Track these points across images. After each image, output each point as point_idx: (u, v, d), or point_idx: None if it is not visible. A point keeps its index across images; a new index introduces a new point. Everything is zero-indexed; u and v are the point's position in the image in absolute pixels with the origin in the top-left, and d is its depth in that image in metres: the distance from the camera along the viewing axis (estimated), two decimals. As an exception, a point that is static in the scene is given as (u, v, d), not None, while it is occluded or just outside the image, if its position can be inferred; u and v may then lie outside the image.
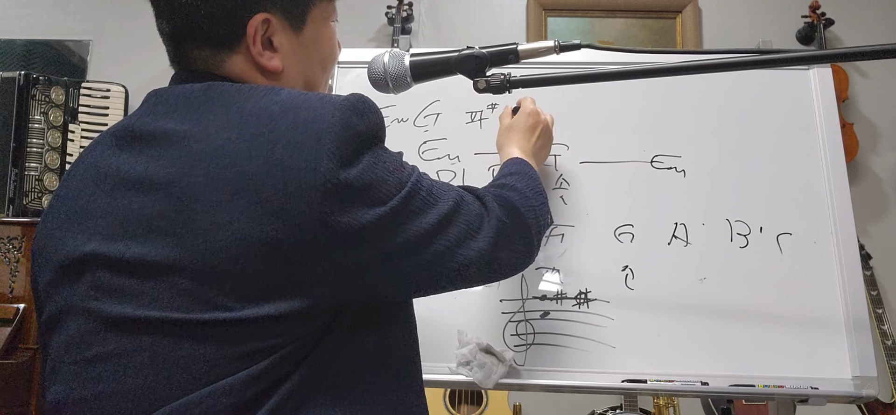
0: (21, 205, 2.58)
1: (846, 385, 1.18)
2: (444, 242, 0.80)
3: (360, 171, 0.73)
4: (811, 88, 1.37)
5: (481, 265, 0.84)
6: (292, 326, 0.72)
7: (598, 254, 1.27)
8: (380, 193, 0.74)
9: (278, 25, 0.84)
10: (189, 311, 0.70)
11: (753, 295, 1.24)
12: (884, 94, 2.79)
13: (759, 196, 1.30)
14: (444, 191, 0.83)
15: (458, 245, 0.81)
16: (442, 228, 0.80)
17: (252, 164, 0.70)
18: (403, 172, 0.79)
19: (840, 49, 1.25)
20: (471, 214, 0.84)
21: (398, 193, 0.76)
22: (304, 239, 0.69)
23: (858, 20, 2.84)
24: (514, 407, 2.43)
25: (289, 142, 0.71)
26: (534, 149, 1.16)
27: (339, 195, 0.71)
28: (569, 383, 1.21)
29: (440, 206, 0.80)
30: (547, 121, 1.20)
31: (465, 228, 0.82)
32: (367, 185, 0.73)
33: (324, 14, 0.90)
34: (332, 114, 0.73)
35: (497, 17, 2.97)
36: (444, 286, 0.83)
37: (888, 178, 2.74)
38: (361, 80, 1.05)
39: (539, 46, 0.97)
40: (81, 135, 2.72)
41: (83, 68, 3.01)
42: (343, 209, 0.71)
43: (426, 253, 0.78)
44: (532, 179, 1.03)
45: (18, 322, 2.31)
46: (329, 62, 0.94)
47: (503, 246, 0.87)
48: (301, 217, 0.69)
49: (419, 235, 0.77)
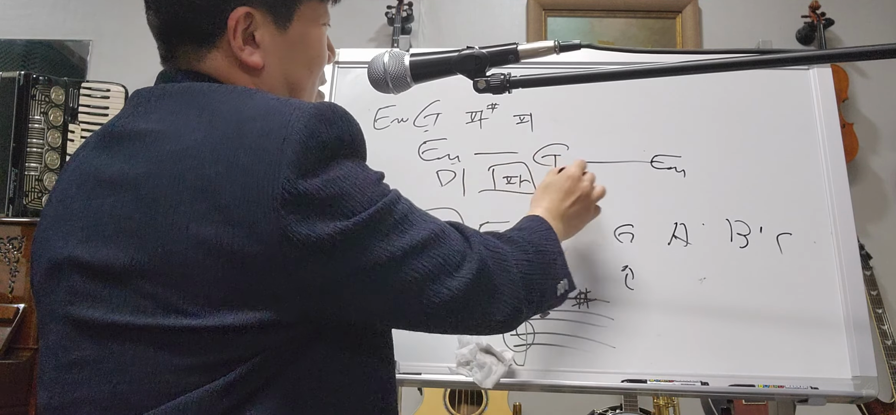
0: (21, 205, 2.58)
1: (846, 385, 1.18)
2: (413, 273, 0.74)
3: (323, 182, 0.70)
4: (811, 88, 1.37)
5: (453, 309, 0.76)
6: (257, 337, 0.70)
7: (598, 254, 1.27)
8: (343, 206, 0.70)
9: (262, 21, 0.82)
10: (154, 315, 0.68)
11: (753, 295, 1.24)
12: (884, 94, 2.79)
13: (759, 196, 1.30)
14: (422, 219, 0.78)
15: (430, 280, 0.75)
16: (412, 257, 0.74)
17: (215, 167, 0.69)
18: (376, 189, 0.74)
19: (840, 49, 1.25)
20: (450, 250, 0.77)
21: (365, 210, 0.72)
22: (261, 248, 0.67)
23: (858, 20, 2.84)
24: (514, 407, 2.43)
25: (252, 147, 0.69)
26: (564, 212, 1.09)
27: (298, 205, 0.68)
28: (569, 383, 1.21)
29: (414, 232, 0.75)
30: (587, 189, 1.14)
31: (441, 263, 0.76)
32: (330, 197, 0.70)
33: (314, 14, 0.88)
34: (298, 121, 0.70)
35: (497, 17, 2.96)
36: (411, 322, 0.78)
37: (888, 178, 2.74)
38: (361, 80, 1.05)
39: (539, 46, 0.97)
40: (81, 135, 2.72)
41: (83, 68, 3.01)
42: (301, 221, 0.68)
43: (391, 280, 0.73)
44: (542, 236, 0.95)
45: (18, 322, 2.31)
46: (316, 65, 0.90)
47: (481, 296, 0.79)
48: (258, 225, 0.67)
49: (385, 259, 0.72)
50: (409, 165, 1.36)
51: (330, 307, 0.73)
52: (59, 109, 2.68)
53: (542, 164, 1.34)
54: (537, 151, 1.35)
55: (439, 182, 1.34)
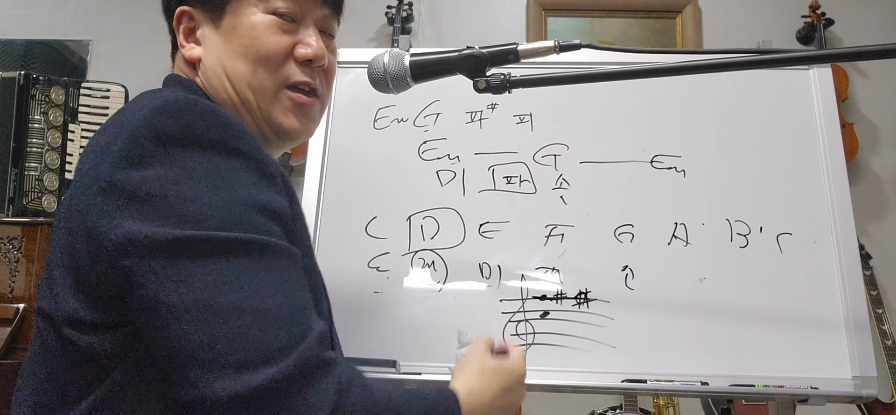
0: (21, 205, 2.57)
1: (846, 385, 1.18)
2: (186, 331, 0.59)
3: (143, 177, 0.63)
4: (811, 88, 1.37)
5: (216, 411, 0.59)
6: (92, 333, 0.66)
7: (598, 254, 1.27)
8: (158, 211, 0.61)
9: (200, 17, 0.88)
10: (42, 299, 0.72)
11: (753, 295, 1.24)
12: (884, 94, 2.79)
13: (758, 196, 1.30)
14: (254, 284, 0.61)
15: (204, 363, 0.58)
16: (197, 314, 0.59)
17: (82, 167, 0.70)
18: (222, 213, 0.62)
19: (840, 49, 1.25)
20: (261, 340, 0.60)
21: (177, 228, 0.60)
22: (80, 239, 0.66)
23: (858, 20, 2.84)
24: (514, 407, 2.42)
25: (99, 144, 0.69)
26: (491, 406, 0.85)
27: (106, 195, 0.63)
28: (569, 383, 1.21)
29: (222, 293, 0.60)
30: (522, 398, 0.94)
31: (230, 346, 0.59)
32: (146, 195, 0.62)
33: (247, 2, 0.86)
34: (139, 112, 0.66)
35: (497, 17, 2.96)
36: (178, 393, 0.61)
37: (888, 178, 2.74)
38: (361, 80, 1.05)
39: (539, 46, 0.97)
40: (81, 135, 2.72)
41: (83, 68, 3.00)
42: (103, 212, 0.63)
43: (165, 329, 0.60)
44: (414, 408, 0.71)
45: (18, 322, 2.31)
46: (252, 52, 0.85)
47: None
48: (79, 215, 0.66)
49: (162, 295, 0.60)
50: (409, 165, 1.36)
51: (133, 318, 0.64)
52: (59, 109, 2.68)
53: (542, 163, 1.34)
54: (537, 150, 1.35)
55: (439, 182, 1.34)
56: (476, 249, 1.29)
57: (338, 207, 1.34)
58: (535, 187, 1.33)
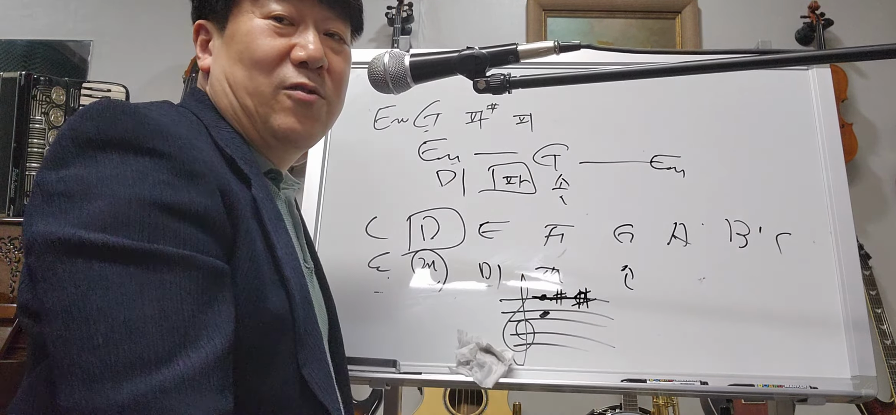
0: (22, 205, 2.58)
1: (845, 385, 1.18)
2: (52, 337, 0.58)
3: (59, 176, 0.63)
4: (810, 89, 1.37)
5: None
6: (33, 318, 0.67)
7: (598, 254, 1.27)
8: (59, 209, 0.61)
9: (211, 29, 0.92)
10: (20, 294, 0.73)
11: (753, 295, 1.24)
12: (883, 94, 2.79)
13: (758, 196, 1.30)
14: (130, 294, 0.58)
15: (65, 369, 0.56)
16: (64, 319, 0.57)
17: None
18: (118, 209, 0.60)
19: (839, 49, 1.25)
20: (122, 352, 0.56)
21: (79, 229, 0.59)
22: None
23: (857, 20, 2.84)
24: (513, 407, 2.43)
25: None
26: None
27: (33, 195, 0.65)
28: (568, 383, 1.21)
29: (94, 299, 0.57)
30: None
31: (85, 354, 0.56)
32: (56, 193, 0.62)
33: (246, 8, 0.89)
34: (69, 119, 0.68)
35: (497, 18, 2.97)
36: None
37: (887, 178, 2.74)
38: (362, 81, 1.05)
39: (539, 47, 0.97)
40: (82, 135, 2.72)
41: (84, 69, 3.01)
42: (29, 210, 0.64)
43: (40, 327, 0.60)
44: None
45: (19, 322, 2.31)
46: (246, 54, 0.86)
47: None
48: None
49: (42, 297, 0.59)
50: (409, 165, 1.36)
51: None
52: (60, 110, 2.68)
53: (542, 164, 1.35)
54: (537, 151, 1.35)
55: (439, 182, 1.35)
56: (476, 249, 1.29)
57: (338, 207, 1.34)
58: (534, 187, 1.33)
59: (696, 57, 0.96)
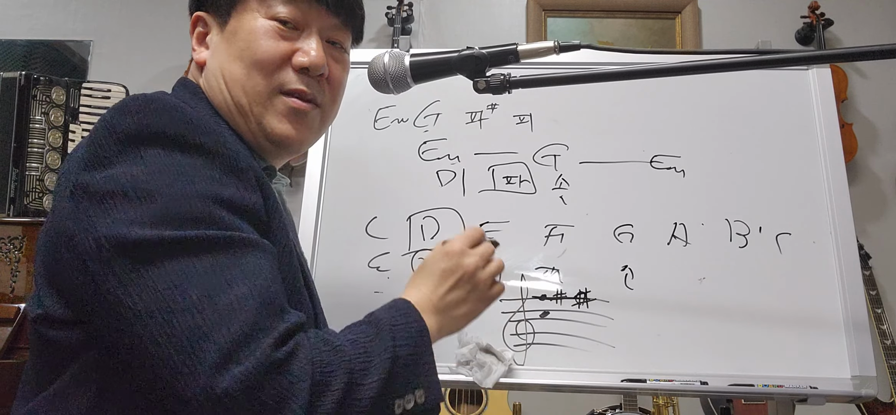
0: (22, 205, 2.58)
1: (845, 385, 1.18)
2: (152, 334, 0.59)
3: (105, 176, 0.63)
4: (810, 89, 1.37)
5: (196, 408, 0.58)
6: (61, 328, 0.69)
7: (598, 254, 1.27)
8: (114, 210, 0.61)
9: (210, 22, 0.89)
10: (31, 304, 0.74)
11: (753, 295, 1.24)
12: (883, 94, 2.79)
13: (758, 196, 1.30)
14: (215, 280, 0.61)
15: (168, 359, 0.58)
16: (161, 316, 0.59)
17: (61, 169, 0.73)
18: (181, 207, 0.62)
19: (839, 49, 1.25)
20: (222, 336, 0.59)
21: (143, 228, 0.60)
22: (57, 241, 0.67)
23: (857, 20, 2.84)
24: (513, 407, 2.43)
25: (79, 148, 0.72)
26: (439, 301, 0.86)
27: (74, 197, 0.64)
28: (568, 383, 1.21)
29: (185, 291, 0.59)
30: (472, 267, 0.89)
31: (195, 344, 0.58)
32: (104, 193, 0.62)
33: (249, 7, 0.87)
34: (107, 113, 0.69)
35: (497, 18, 2.97)
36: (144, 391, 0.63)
37: (887, 178, 2.74)
38: (362, 81, 1.05)
39: (539, 47, 0.97)
40: (82, 135, 2.72)
41: (84, 69, 3.01)
42: (71, 211, 0.64)
43: (124, 329, 0.60)
44: (383, 347, 0.71)
45: (19, 322, 2.31)
46: (248, 57, 0.84)
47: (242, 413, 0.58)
48: (56, 218, 0.69)
49: (126, 300, 0.60)
50: (409, 165, 1.36)
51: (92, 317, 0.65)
52: (60, 110, 2.68)
53: (542, 164, 1.35)
54: (537, 151, 1.35)
55: (439, 182, 1.35)
56: (476, 249, 1.29)
57: (338, 207, 1.34)
58: (534, 187, 1.33)
59: (696, 57, 0.97)
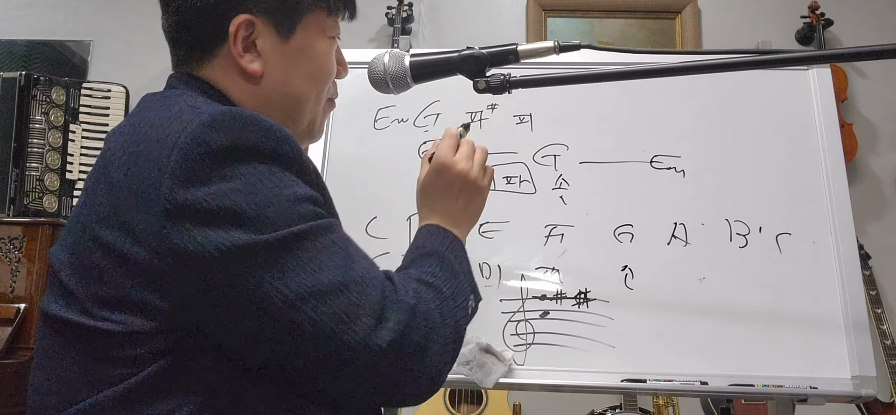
0: (22, 205, 2.58)
1: (845, 385, 1.18)
2: (311, 317, 0.65)
3: (208, 193, 0.66)
4: (810, 89, 1.37)
5: (363, 367, 0.67)
6: (149, 341, 0.68)
7: (598, 254, 1.27)
8: (230, 221, 0.65)
9: (263, 29, 0.82)
10: (69, 310, 0.71)
11: (752, 295, 1.24)
12: (883, 94, 2.79)
13: (758, 196, 1.30)
14: (341, 259, 0.69)
15: (333, 334, 0.66)
16: (314, 301, 0.66)
17: (117, 174, 0.70)
18: (285, 209, 0.68)
19: (839, 49, 1.25)
20: (369, 303, 0.68)
21: (263, 233, 0.65)
22: (145, 256, 0.67)
23: (857, 20, 2.84)
24: (513, 407, 2.43)
25: (148, 155, 0.69)
26: (457, 210, 0.94)
27: (177, 216, 0.65)
28: (568, 383, 1.21)
29: (322, 274, 0.67)
30: (466, 173, 0.94)
31: (352, 315, 0.67)
32: (214, 209, 0.65)
33: (320, 25, 0.87)
34: (189, 126, 0.68)
35: (497, 18, 2.97)
36: (302, 375, 0.69)
37: (887, 178, 2.74)
38: (362, 81, 1.05)
39: (539, 47, 0.97)
40: (82, 135, 2.73)
41: (84, 69, 3.01)
42: (181, 231, 0.65)
43: (279, 321, 0.65)
44: (452, 265, 0.85)
45: (19, 322, 2.31)
46: (320, 77, 0.88)
47: (402, 361, 0.69)
48: (143, 234, 0.67)
49: (273, 295, 0.65)
50: (409, 165, 1.36)
51: (216, 326, 0.68)
52: (60, 110, 2.68)
53: (542, 164, 1.35)
54: (537, 151, 1.35)
55: (439, 182, 1.35)
56: (476, 249, 1.29)
57: (338, 208, 1.34)
58: (534, 187, 1.33)
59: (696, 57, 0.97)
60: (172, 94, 0.78)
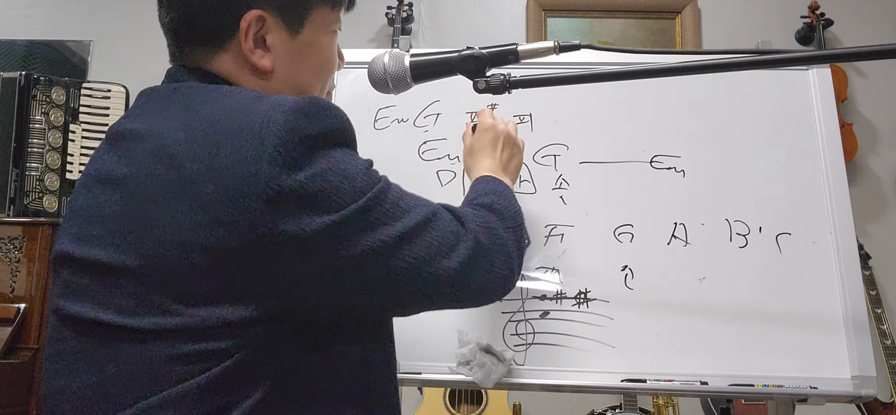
0: (22, 205, 2.58)
1: (845, 385, 1.18)
2: (409, 258, 0.75)
3: (307, 176, 0.70)
4: (810, 89, 1.37)
5: (453, 286, 0.79)
6: (239, 332, 0.69)
7: (598, 254, 1.27)
8: (331, 200, 0.71)
9: (273, 25, 0.83)
10: (133, 314, 0.69)
11: (752, 295, 1.24)
12: (883, 94, 2.79)
13: (758, 196, 1.30)
14: (414, 203, 0.79)
15: (427, 263, 0.76)
16: (406, 243, 0.75)
17: (194, 166, 0.69)
18: (366, 179, 0.75)
19: (839, 49, 1.26)
20: (444, 231, 0.79)
21: (355, 202, 0.72)
22: (243, 245, 0.67)
23: (857, 20, 2.84)
24: (513, 407, 2.43)
25: (232, 145, 0.69)
26: (502, 164, 1.08)
27: (281, 202, 0.68)
28: (568, 383, 1.21)
29: (407, 219, 0.76)
30: (507, 130, 1.11)
31: (437, 245, 0.78)
32: (316, 192, 0.70)
33: (325, 20, 0.88)
34: (277, 117, 0.70)
35: (497, 18, 2.97)
36: (411, 305, 0.80)
37: (887, 178, 2.74)
38: (362, 81, 1.05)
39: (539, 47, 0.97)
40: (82, 135, 2.73)
41: (84, 69, 3.01)
42: (285, 216, 0.68)
43: (386, 267, 0.74)
44: (508, 198, 0.98)
45: (19, 322, 2.31)
46: (325, 70, 0.91)
47: (480, 268, 0.82)
48: (242, 223, 0.67)
49: (378, 248, 0.73)
50: (409, 165, 1.36)
51: (324, 300, 0.73)
52: (60, 110, 2.68)
53: (542, 164, 1.35)
54: (537, 151, 1.35)
55: (439, 182, 1.35)
56: (476, 249, 1.29)
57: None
58: (534, 187, 1.33)
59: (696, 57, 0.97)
60: (213, 88, 0.78)
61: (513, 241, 0.90)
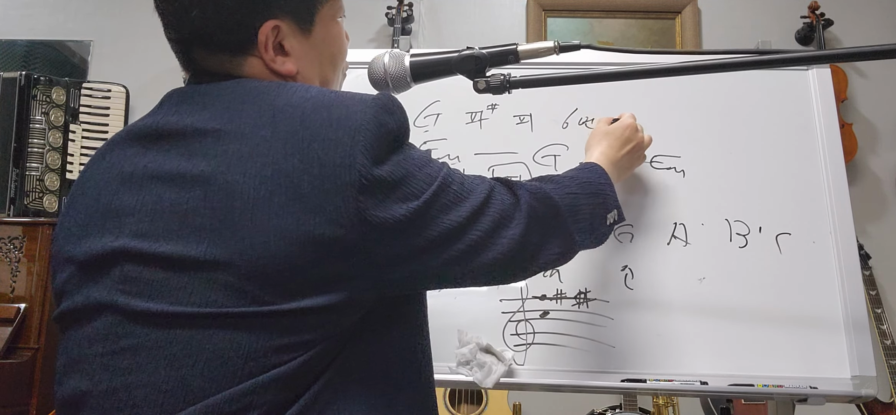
0: (22, 205, 2.58)
1: (845, 385, 1.18)
2: (477, 233, 0.81)
3: (392, 166, 0.76)
4: (810, 89, 1.37)
5: (516, 254, 0.85)
6: (329, 320, 0.74)
7: (598, 254, 1.27)
8: (412, 187, 0.77)
9: (288, 30, 0.84)
10: (225, 305, 0.71)
11: (752, 295, 1.24)
12: (883, 94, 2.79)
13: (758, 196, 1.30)
14: (475, 183, 0.85)
15: (491, 235, 0.83)
16: (474, 220, 0.81)
17: (289, 161, 0.72)
18: (432, 167, 0.81)
19: (839, 49, 1.25)
20: (503, 204, 0.85)
21: (429, 188, 0.78)
22: (341, 234, 0.72)
23: (857, 20, 2.85)
24: (513, 407, 2.43)
25: (324, 139, 0.73)
26: (619, 160, 1.16)
27: (374, 190, 0.73)
28: (568, 383, 1.21)
29: (472, 198, 0.82)
30: (643, 140, 1.22)
31: (498, 218, 0.84)
32: (400, 180, 0.76)
33: (331, 12, 0.90)
34: (366, 111, 0.75)
35: (497, 18, 2.97)
36: (482, 277, 0.85)
37: (887, 178, 2.74)
38: (361, 81, 1.05)
39: (539, 47, 0.97)
40: (82, 135, 2.73)
41: (84, 69, 3.01)
42: (377, 204, 0.73)
43: (460, 245, 0.80)
44: (589, 172, 1.04)
45: (19, 322, 2.31)
46: (339, 59, 0.94)
47: (535, 234, 0.88)
48: (338, 212, 0.71)
49: (452, 228, 0.79)
50: (409, 166, 1.36)
51: (405, 281, 0.79)
52: (61, 110, 2.68)
53: (542, 164, 1.35)
54: (537, 151, 1.35)
55: (439, 182, 1.35)
56: (476, 249, 1.29)
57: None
58: (534, 187, 1.33)
59: (696, 57, 0.97)
60: (268, 85, 0.80)
61: (568, 209, 0.95)
